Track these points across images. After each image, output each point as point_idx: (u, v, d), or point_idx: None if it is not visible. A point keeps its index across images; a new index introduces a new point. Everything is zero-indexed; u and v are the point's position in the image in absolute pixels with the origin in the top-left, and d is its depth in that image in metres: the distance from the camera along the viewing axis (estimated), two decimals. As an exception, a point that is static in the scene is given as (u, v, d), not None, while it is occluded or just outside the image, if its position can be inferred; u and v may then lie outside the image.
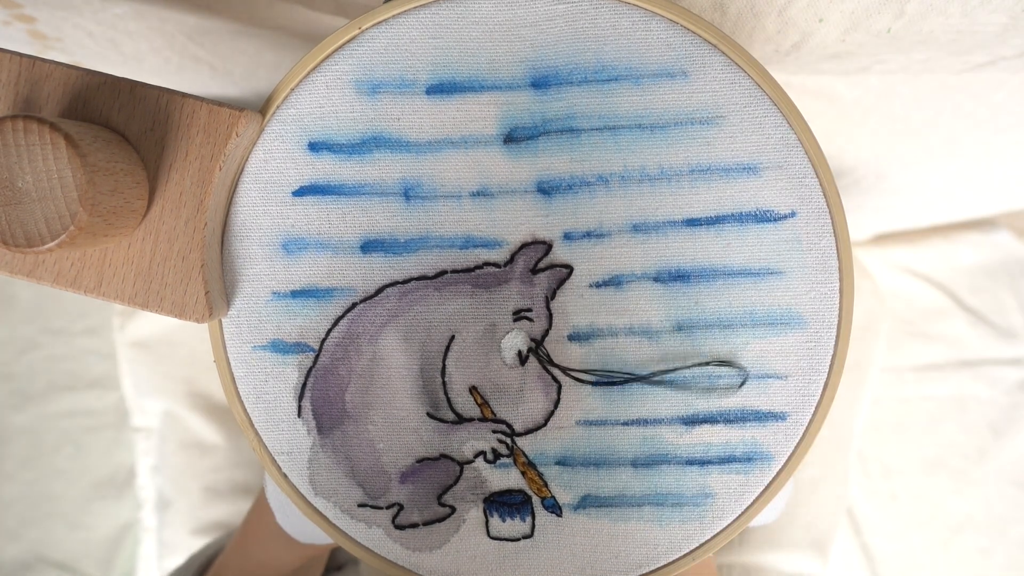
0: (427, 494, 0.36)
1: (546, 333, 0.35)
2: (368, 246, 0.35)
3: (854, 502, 0.89)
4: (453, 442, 0.36)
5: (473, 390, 0.35)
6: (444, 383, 0.36)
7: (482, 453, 0.36)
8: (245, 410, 0.36)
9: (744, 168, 0.34)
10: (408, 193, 0.35)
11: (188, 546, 0.89)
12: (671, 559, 0.36)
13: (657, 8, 0.33)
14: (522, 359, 0.35)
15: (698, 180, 0.34)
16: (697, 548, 0.36)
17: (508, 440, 0.36)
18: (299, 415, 0.36)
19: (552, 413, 0.35)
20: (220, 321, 0.36)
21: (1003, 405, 0.89)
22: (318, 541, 0.51)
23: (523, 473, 0.36)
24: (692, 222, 0.34)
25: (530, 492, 0.36)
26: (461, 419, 0.36)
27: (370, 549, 0.37)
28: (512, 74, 0.34)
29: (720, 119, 0.34)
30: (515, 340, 0.35)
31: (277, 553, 0.52)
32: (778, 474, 0.35)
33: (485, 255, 0.35)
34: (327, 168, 0.35)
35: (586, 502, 0.36)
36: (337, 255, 0.35)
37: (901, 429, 0.90)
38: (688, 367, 0.35)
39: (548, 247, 0.35)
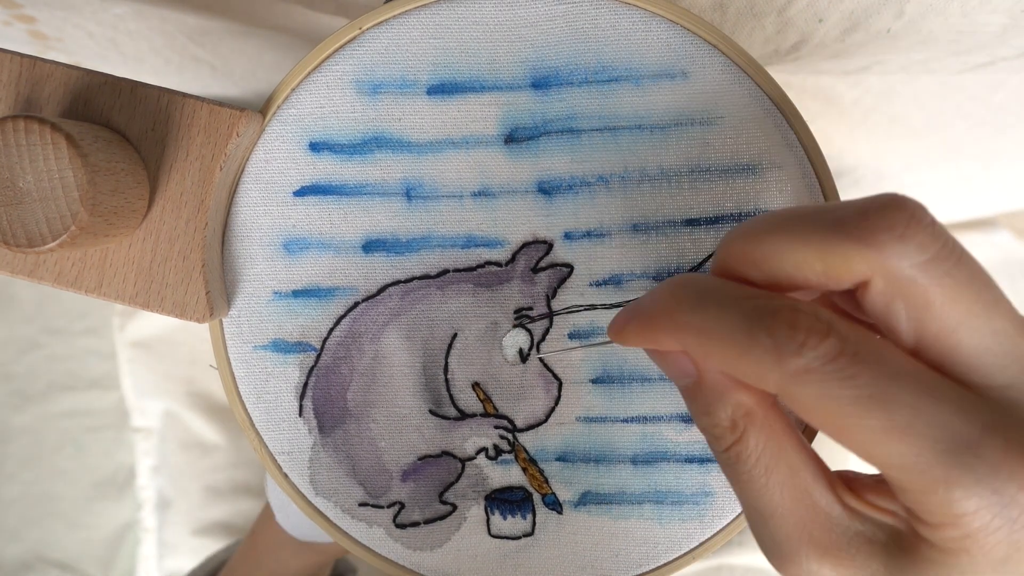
0: (428, 492, 0.36)
1: (547, 331, 0.35)
2: (370, 246, 0.35)
3: (854, 502, 0.89)
4: (455, 438, 0.36)
5: (475, 386, 0.36)
6: (447, 380, 0.36)
7: (484, 449, 0.36)
8: (246, 410, 0.36)
9: (744, 168, 0.34)
10: (410, 193, 0.35)
11: (188, 546, 0.89)
12: (671, 558, 0.36)
13: (657, 9, 0.33)
14: (523, 357, 0.35)
15: (698, 180, 0.34)
16: (697, 547, 0.36)
17: (510, 436, 0.36)
18: (300, 414, 0.36)
19: (553, 409, 0.35)
20: (221, 321, 0.36)
21: (1002, 405, 0.88)
22: (318, 539, 0.51)
23: (524, 469, 0.36)
24: (692, 222, 0.34)
25: (531, 489, 0.36)
26: (463, 415, 0.36)
27: (371, 549, 0.37)
28: (513, 74, 0.34)
29: (720, 119, 0.34)
30: (516, 338, 0.35)
31: (287, 560, 0.53)
32: (778, 473, 0.36)
33: (487, 254, 0.35)
34: (328, 168, 0.35)
35: (586, 499, 0.36)
36: (339, 255, 0.35)
37: (901, 429, 0.89)
38: None
39: (549, 246, 0.35)
